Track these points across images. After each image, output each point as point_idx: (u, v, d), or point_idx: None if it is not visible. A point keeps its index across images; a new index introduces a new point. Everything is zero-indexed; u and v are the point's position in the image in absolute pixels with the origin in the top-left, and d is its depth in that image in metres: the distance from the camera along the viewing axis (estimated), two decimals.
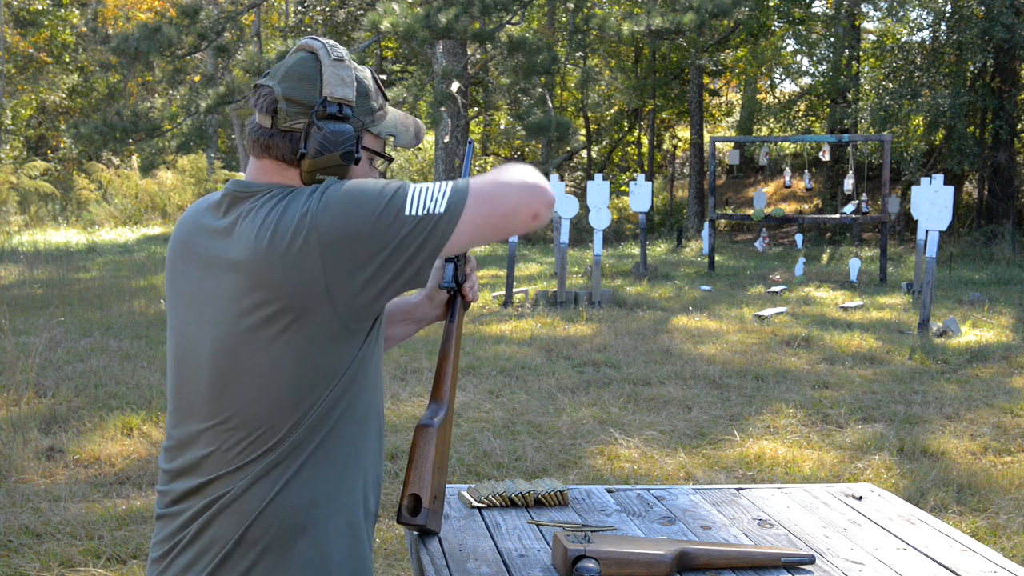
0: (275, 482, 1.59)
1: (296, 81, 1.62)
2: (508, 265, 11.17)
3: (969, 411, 6.46)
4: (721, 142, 17.82)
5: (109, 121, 15.16)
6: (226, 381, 1.59)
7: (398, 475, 4.97)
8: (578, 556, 1.82)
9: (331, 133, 1.61)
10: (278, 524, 1.59)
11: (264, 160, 1.64)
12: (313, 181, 1.62)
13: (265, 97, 1.63)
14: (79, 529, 4.16)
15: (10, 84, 26.24)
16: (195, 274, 1.64)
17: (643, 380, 7.19)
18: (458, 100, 17.63)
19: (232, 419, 1.59)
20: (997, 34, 17.60)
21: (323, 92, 1.61)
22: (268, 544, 1.59)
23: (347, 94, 1.63)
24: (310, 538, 1.61)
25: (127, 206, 23.06)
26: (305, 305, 1.52)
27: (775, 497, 2.42)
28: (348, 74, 1.64)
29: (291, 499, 1.59)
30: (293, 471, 1.59)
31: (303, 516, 1.60)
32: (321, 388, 1.58)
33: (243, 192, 1.63)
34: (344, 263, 1.50)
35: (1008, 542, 4.22)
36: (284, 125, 1.61)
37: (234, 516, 1.59)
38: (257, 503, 1.58)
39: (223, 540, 1.59)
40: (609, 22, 15.38)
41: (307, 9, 24.63)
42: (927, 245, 9.67)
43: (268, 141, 1.62)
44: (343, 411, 1.62)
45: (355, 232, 1.50)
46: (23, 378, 6.51)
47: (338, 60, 1.64)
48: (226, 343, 1.57)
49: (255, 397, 1.57)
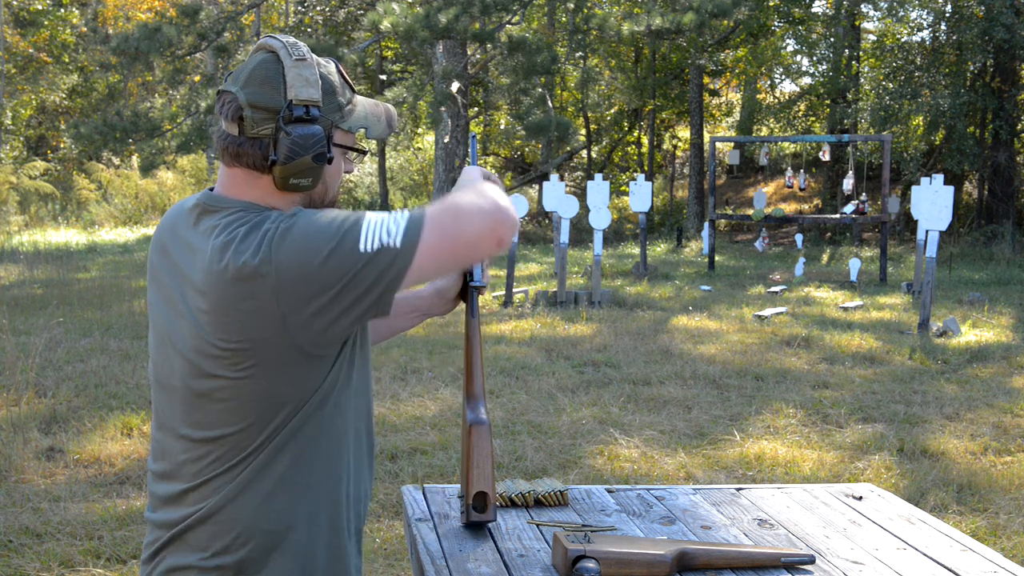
0: (248, 501, 1.59)
1: (259, 85, 1.58)
2: (508, 265, 11.17)
3: (969, 411, 6.46)
4: (721, 142, 17.82)
5: (109, 121, 15.16)
6: (196, 399, 1.59)
7: (398, 475, 4.98)
8: (578, 556, 1.82)
9: (300, 137, 1.57)
10: (253, 544, 1.60)
11: (235, 169, 1.62)
12: (287, 186, 1.60)
13: (230, 104, 1.59)
14: (79, 529, 4.16)
15: (10, 84, 26.24)
16: (171, 283, 1.64)
17: (643, 380, 7.19)
18: (458, 100, 17.63)
19: (202, 433, 1.59)
20: (997, 34, 17.60)
21: (288, 95, 1.57)
22: (242, 561, 1.59)
23: (312, 94, 1.58)
24: (287, 558, 1.62)
25: (127, 206, 23.06)
26: (264, 334, 1.51)
27: (775, 497, 2.42)
28: (312, 73, 1.60)
29: (266, 522, 1.60)
30: (265, 493, 1.59)
31: (278, 538, 1.61)
32: (284, 414, 1.57)
33: (212, 206, 1.61)
34: (298, 295, 1.48)
35: (1008, 542, 4.22)
36: (252, 132, 1.57)
37: (208, 531, 1.60)
38: (231, 521, 1.59)
39: (199, 554, 1.60)
40: (609, 22, 15.38)
41: (307, 9, 24.62)
42: (927, 245, 9.67)
43: (237, 149, 1.59)
44: (312, 436, 1.61)
45: (308, 267, 1.47)
46: (23, 378, 6.51)
47: (300, 59, 1.59)
48: (194, 366, 1.57)
49: (222, 418, 1.57)
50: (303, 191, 1.62)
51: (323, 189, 1.67)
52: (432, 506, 2.26)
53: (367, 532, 4.26)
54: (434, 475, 4.95)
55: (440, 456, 5.24)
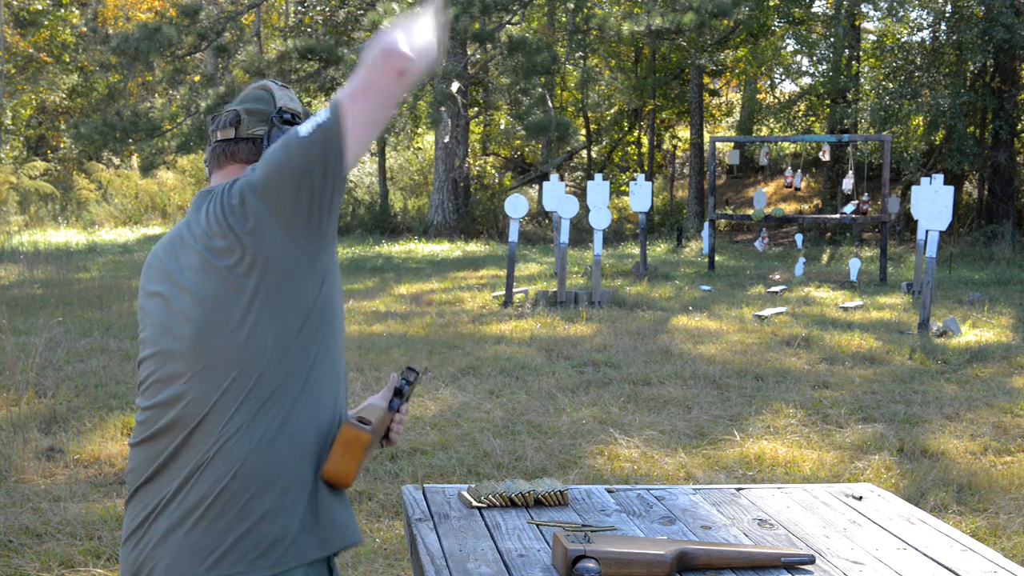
0: (259, 431, 1.70)
1: (253, 101, 1.93)
2: (508, 265, 11.17)
3: (969, 411, 6.46)
4: (721, 142, 17.81)
5: (109, 121, 15.17)
6: (210, 326, 1.72)
7: (398, 475, 4.98)
8: (578, 556, 1.82)
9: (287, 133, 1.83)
10: (260, 473, 1.69)
11: (228, 166, 1.90)
12: None
13: (226, 115, 1.92)
14: (79, 529, 4.16)
15: (10, 84, 26.23)
16: (172, 258, 1.83)
17: (643, 380, 7.19)
18: (458, 100, 17.63)
19: (215, 362, 1.70)
20: (997, 34, 17.60)
21: (277, 104, 1.92)
22: (253, 494, 1.69)
23: (296, 107, 1.94)
24: (295, 491, 1.72)
25: (127, 206, 23.06)
26: (268, 251, 1.69)
27: (775, 497, 2.42)
28: (295, 96, 1.97)
29: (274, 454, 1.71)
30: (279, 420, 1.71)
31: (289, 469, 1.72)
32: (296, 322, 1.72)
33: (208, 191, 1.85)
34: (282, 198, 1.69)
35: (1008, 542, 4.22)
36: (246, 133, 1.89)
37: (219, 467, 1.69)
38: (242, 453, 1.69)
39: (210, 493, 1.69)
40: (609, 22, 15.38)
41: (307, 9, 24.61)
42: (927, 245, 9.67)
43: (233, 148, 1.89)
44: (318, 353, 1.76)
45: (277, 170, 1.68)
46: (23, 378, 6.51)
47: (284, 87, 1.96)
48: (207, 291, 1.73)
49: (238, 340, 1.70)
50: None
51: None
52: (432, 506, 2.26)
53: (367, 532, 4.26)
54: (434, 475, 4.95)
55: (440, 456, 5.24)
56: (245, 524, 1.67)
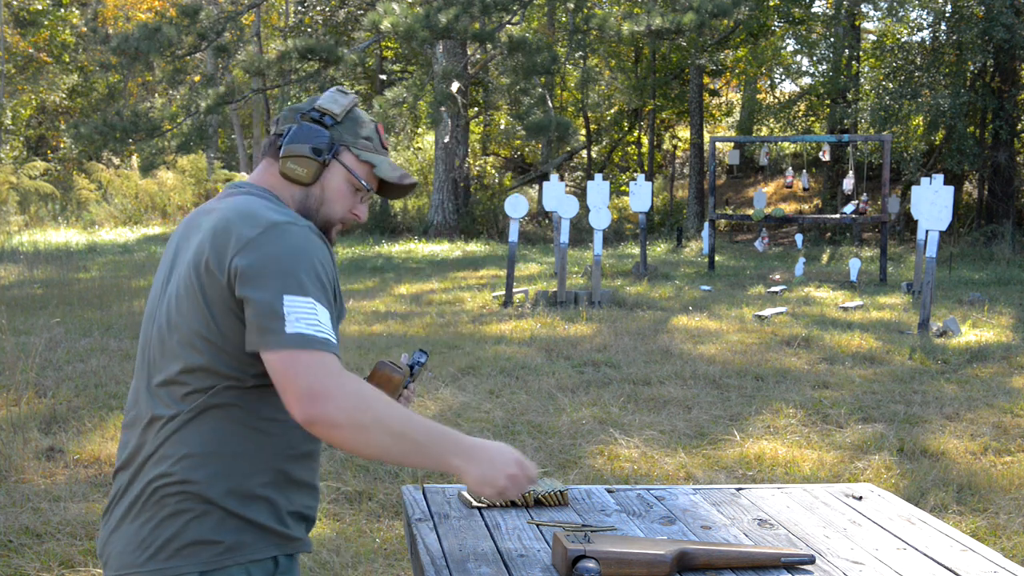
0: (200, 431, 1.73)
1: (307, 101, 1.92)
2: (508, 265, 11.17)
3: (969, 411, 6.46)
4: (721, 142, 17.81)
5: (109, 121, 15.16)
6: (171, 328, 1.75)
7: (398, 475, 4.98)
8: (578, 556, 1.82)
9: (307, 128, 1.85)
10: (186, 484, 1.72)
11: (265, 159, 1.91)
12: (286, 169, 1.83)
13: (280, 114, 1.95)
14: (79, 529, 4.16)
15: (10, 84, 26.23)
16: (183, 240, 1.85)
17: (643, 380, 7.18)
18: (458, 100, 17.63)
19: (168, 368, 1.74)
20: (997, 34, 17.60)
21: (316, 104, 1.89)
22: (189, 492, 1.72)
23: (333, 108, 1.87)
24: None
25: (127, 206, 23.06)
26: (213, 276, 1.70)
27: (775, 497, 2.42)
28: (345, 100, 1.89)
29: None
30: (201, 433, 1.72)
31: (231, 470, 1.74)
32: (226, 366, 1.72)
33: (238, 184, 1.91)
34: (251, 266, 1.67)
35: (1008, 542, 4.22)
36: (280, 128, 1.89)
37: (162, 462, 1.73)
38: (183, 451, 1.72)
39: (148, 487, 1.73)
40: (609, 22, 15.37)
41: (307, 9, 24.62)
42: (927, 245, 9.67)
43: (269, 140, 1.92)
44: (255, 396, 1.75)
45: (264, 264, 1.66)
46: (23, 378, 6.51)
47: (341, 91, 1.91)
48: (179, 288, 1.75)
49: (188, 344, 1.73)
50: (298, 180, 1.84)
51: (320, 194, 1.87)
52: (432, 506, 2.26)
53: (367, 531, 4.26)
54: (434, 475, 4.95)
55: None
56: (179, 520, 1.70)
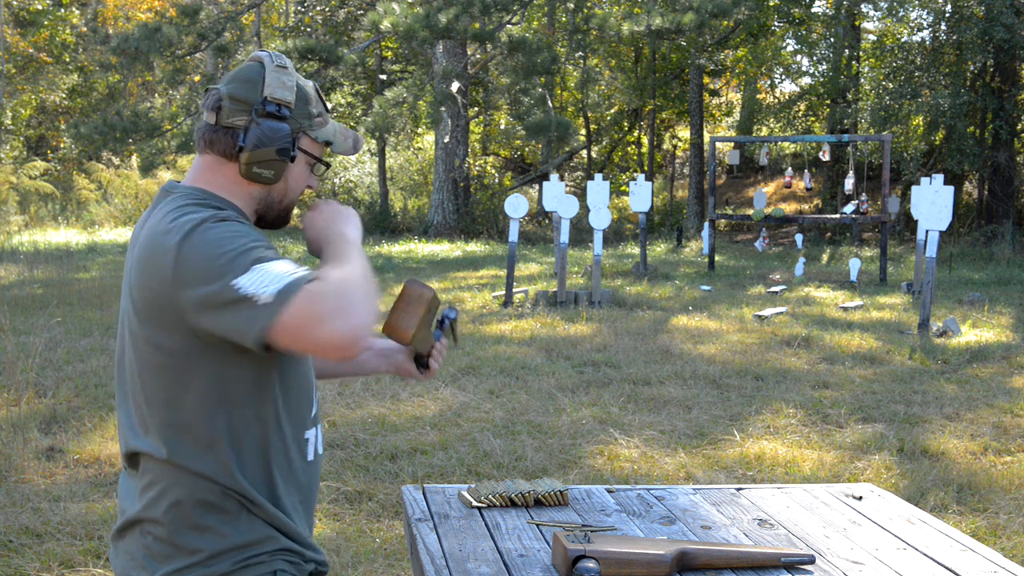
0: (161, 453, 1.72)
1: (240, 83, 1.74)
2: (508, 265, 11.17)
3: (969, 411, 6.46)
4: (721, 142, 17.81)
5: (109, 121, 15.17)
6: (124, 358, 1.74)
7: (398, 475, 4.98)
8: (578, 556, 1.82)
9: (268, 129, 1.71)
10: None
11: (206, 155, 1.76)
12: (250, 174, 1.72)
13: (212, 96, 1.75)
14: (79, 529, 4.16)
15: (10, 84, 26.22)
16: (128, 260, 1.77)
17: (643, 380, 7.18)
18: (458, 100, 17.63)
19: (132, 387, 1.73)
20: (997, 34, 17.59)
21: (264, 92, 1.72)
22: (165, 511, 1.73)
23: (286, 96, 1.74)
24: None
25: (127, 206, 23.04)
26: (164, 314, 1.62)
27: (775, 497, 2.42)
28: (289, 79, 1.75)
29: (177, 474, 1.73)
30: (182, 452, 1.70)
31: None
32: (201, 394, 1.67)
33: (171, 187, 1.76)
34: (187, 292, 1.57)
35: (1008, 542, 4.22)
36: (226, 121, 1.72)
37: (146, 478, 1.78)
38: (156, 471, 1.74)
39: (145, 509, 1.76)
40: (609, 22, 15.38)
41: (307, 9, 24.61)
42: (927, 245, 9.67)
43: (212, 136, 1.74)
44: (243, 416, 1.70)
45: (199, 269, 1.56)
46: (23, 378, 6.51)
47: (281, 67, 1.75)
48: (125, 316, 1.72)
49: (140, 385, 1.70)
50: (264, 183, 1.75)
51: (283, 188, 1.80)
52: (432, 506, 2.26)
53: (367, 531, 4.26)
54: (434, 475, 4.95)
55: (440, 456, 5.24)
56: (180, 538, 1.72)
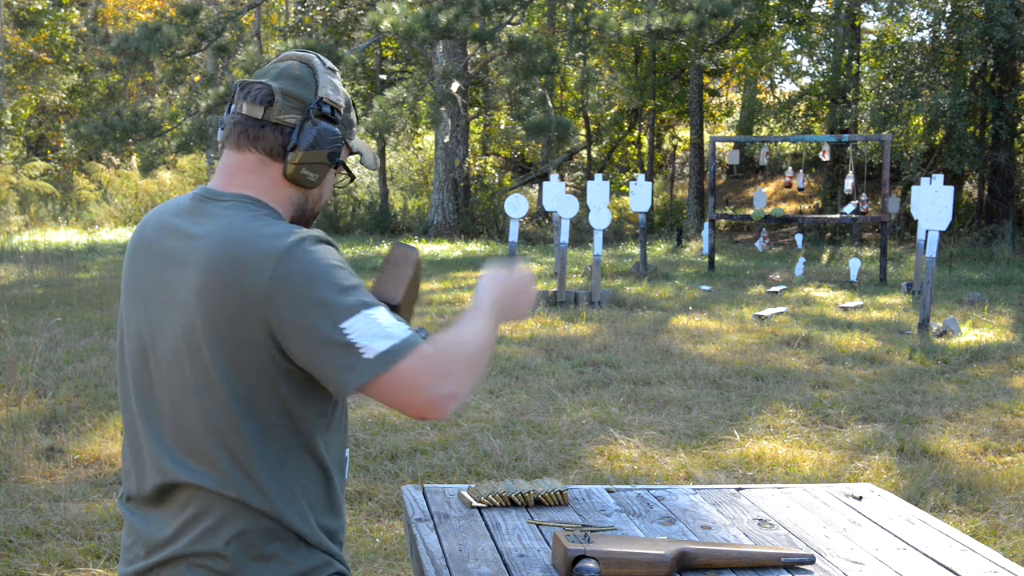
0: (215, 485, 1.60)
1: (293, 81, 1.66)
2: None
3: (969, 411, 6.46)
4: (721, 142, 17.81)
5: (109, 121, 15.16)
6: (164, 382, 1.62)
7: (398, 475, 4.98)
8: (578, 556, 1.82)
9: (324, 130, 1.65)
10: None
11: (246, 154, 1.65)
12: (297, 176, 1.65)
13: (260, 90, 1.65)
14: (79, 529, 4.16)
15: (10, 84, 26.22)
16: (158, 271, 1.65)
17: (643, 380, 7.18)
18: (458, 100, 17.63)
19: (175, 414, 1.61)
20: (997, 34, 17.59)
21: (319, 93, 1.67)
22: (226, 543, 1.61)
23: (339, 100, 1.69)
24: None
25: (127, 206, 23.05)
26: (243, 339, 1.54)
27: (775, 497, 2.42)
28: (340, 83, 1.72)
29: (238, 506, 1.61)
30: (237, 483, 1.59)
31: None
32: (262, 413, 1.58)
33: (212, 195, 1.65)
34: (283, 321, 1.51)
35: (1008, 542, 4.22)
36: (276, 118, 1.63)
37: (192, 510, 1.64)
38: (209, 504, 1.61)
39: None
40: (609, 22, 15.38)
41: (307, 9, 24.61)
42: (927, 245, 9.67)
43: (258, 132, 1.64)
44: (290, 446, 1.62)
45: (301, 300, 1.50)
46: (23, 378, 6.51)
47: (331, 69, 1.71)
48: (185, 332, 1.58)
49: (194, 390, 1.58)
50: (306, 186, 1.67)
51: (318, 194, 1.73)
52: (432, 506, 2.26)
53: (367, 531, 4.26)
54: (434, 475, 4.95)
55: (440, 456, 5.24)
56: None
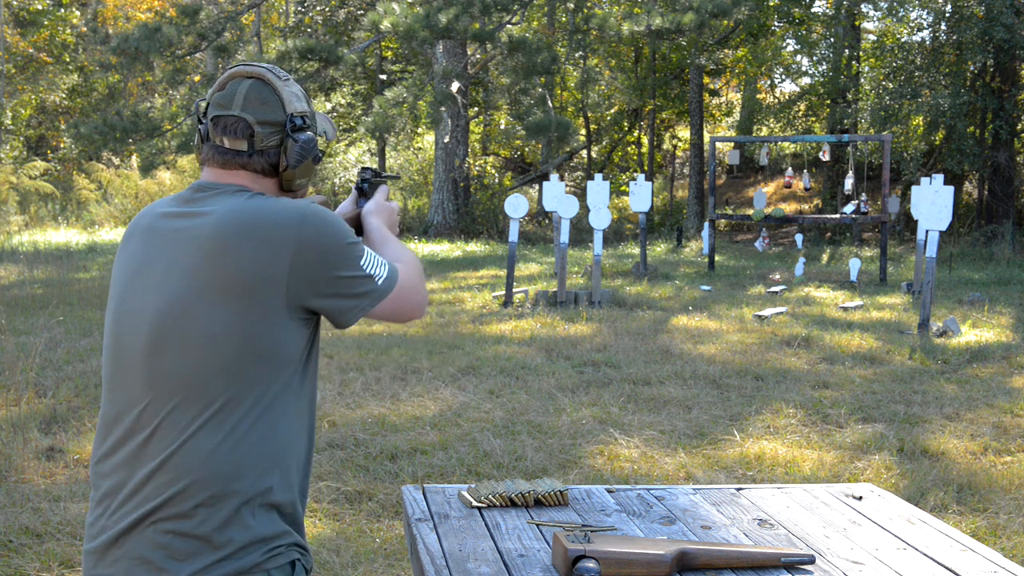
0: (208, 443, 1.65)
1: (261, 106, 1.79)
2: (508, 265, 11.16)
3: (969, 411, 6.46)
4: (721, 142, 17.81)
5: (109, 121, 15.16)
6: (165, 340, 1.68)
7: (398, 475, 4.98)
8: (578, 556, 1.82)
9: (305, 143, 1.80)
10: (210, 486, 1.65)
11: (237, 172, 1.80)
12: (293, 187, 1.84)
13: (236, 125, 1.77)
14: (79, 529, 4.16)
15: (10, 84, 26.22)
16: (152, 248, 1.75)
17: (643, 380, 7.18)
18: (458, 100, 17.63)
19: (167, 382, 1.66)
20: (997, 34, 17.59)
21: (287, 110, 1.80)
22: (195, 506, 1.64)
23: (304, 107, 1.83)
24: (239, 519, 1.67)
25: (127, 206, 23.04)
26: (261, 287, 1.67)
27: (775, 497, 2.42)
28: (297, 88, 1.84)
29: (223, 466, 1.66)
30: (231, 441, 1.66)
31: (232, 484, 1.66)
32: (262, 367, 1.68)
33: (210, 185, 1.78)
34: (308, 270, 1.69)
35: (1008, 542, 4.22)
36: (261, 145, 1.78)
37: (170, 473, 1.65)
38: (191, 463, 1.65)
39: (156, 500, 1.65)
40: (609, 22, 15.38)
41: (307, 9, 24.61)
42: (927, 245, 9.67)
43: (246, 161, 1.79)
44: (281, 394, 1.71)
45: (327, 250, 1.71)
46: (23, 378, 6.51)
47: (286, 79, 1.83)
48: (175, 302, 1.68)
49: (193, 360, 1.66)
50: (299, 188, 1.87)
51: (306, 185, 1.91)
52: (432, 506, 2.26)
53: (367, 531, 4.26)
54: (434, 475, 4.95)
55: (440, 456, 5.24)
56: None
